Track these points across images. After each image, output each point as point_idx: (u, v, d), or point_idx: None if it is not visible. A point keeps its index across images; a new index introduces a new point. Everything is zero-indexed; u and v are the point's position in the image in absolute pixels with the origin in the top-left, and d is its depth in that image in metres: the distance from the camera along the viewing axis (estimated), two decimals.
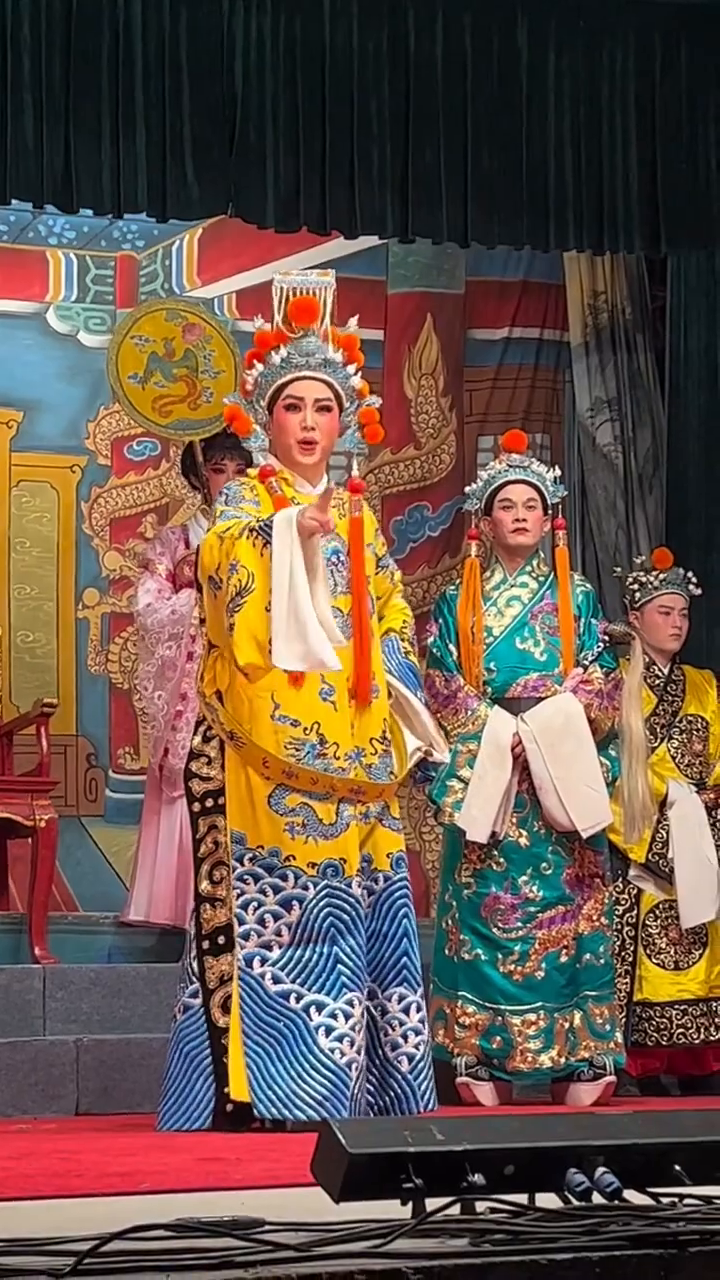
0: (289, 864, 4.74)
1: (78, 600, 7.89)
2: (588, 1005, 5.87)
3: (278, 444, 4.96)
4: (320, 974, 4.73)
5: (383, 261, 8.32)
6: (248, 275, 8.16)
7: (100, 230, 7.95)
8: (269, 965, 4.72)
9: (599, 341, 8.24)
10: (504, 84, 6.82)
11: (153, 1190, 3.44)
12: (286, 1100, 4.67)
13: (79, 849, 7.58)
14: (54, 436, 7.93)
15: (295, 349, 4.95)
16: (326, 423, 4.93)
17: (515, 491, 6.01)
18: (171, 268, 8.17)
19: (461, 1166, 2.40)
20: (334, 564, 4.86)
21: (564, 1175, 2.43)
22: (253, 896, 4.74)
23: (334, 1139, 2.43)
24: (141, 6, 6.36)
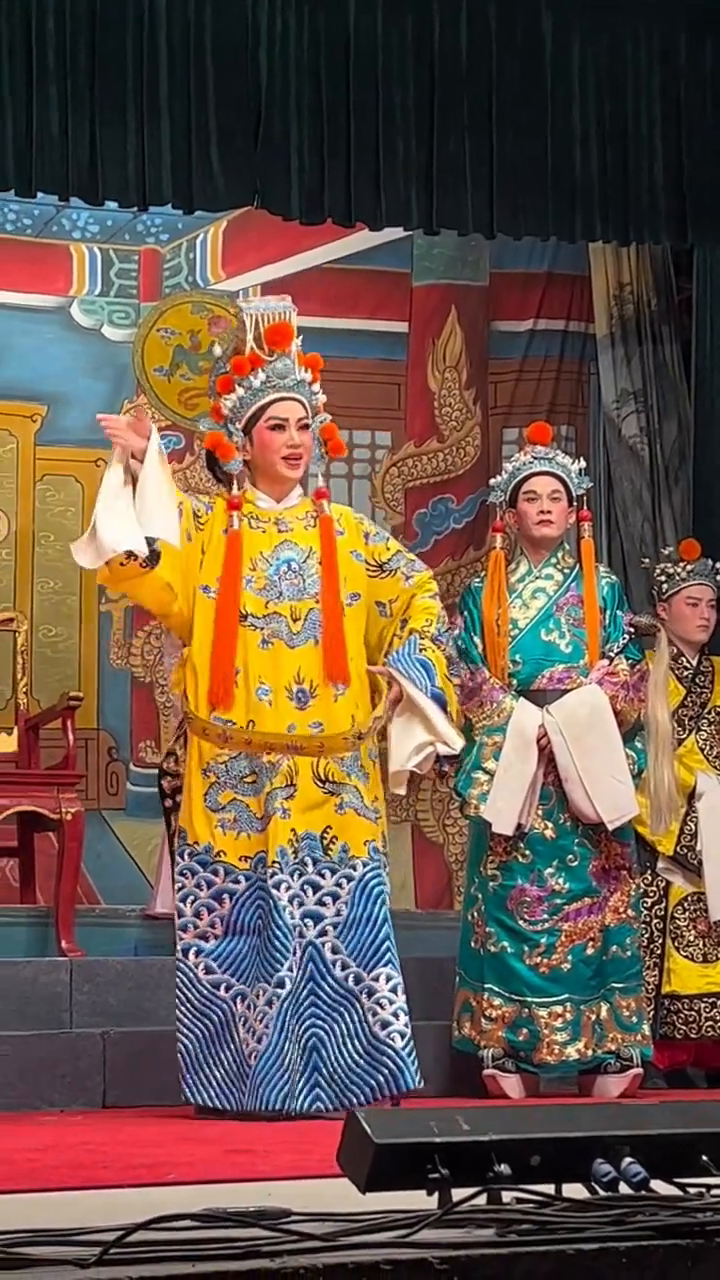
0: (219, 859, 5.02)
1: (100, 594, 7.89)
2: (614, 997, 5.87)
3: (260, 461, 5.22)
4: (247, 965, 4.99)
5: (407, 254, 8.31)
6: (272, 268, 8.16)
7: (124, 224, 7.95)
8: (203, 956, 5.02)
9: (624, 333, 8.22)
10: (528, 74, 6.81)
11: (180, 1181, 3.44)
12: (209, 1086, 5.00)
13: (100, 842, 7.59)
14: (78, 430, 7.93)
15: (272, 371, 5.20)
16: (307, 439, 5.22)
17: (540, 483, 5.99)
18: (195, 261, 8.16)
19: (488, 1157, 2.39)
20: (285, 572, 5.11)
21: (590, 1165, 2.42)
22: (190, 890, 5.05)
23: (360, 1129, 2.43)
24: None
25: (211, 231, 8.11)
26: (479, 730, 5.87)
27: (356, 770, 5.06)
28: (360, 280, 8.33)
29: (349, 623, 5.13)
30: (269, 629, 5.06)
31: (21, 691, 6.95)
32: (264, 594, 5.09)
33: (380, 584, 5.20)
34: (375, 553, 5.23)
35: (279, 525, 5.17)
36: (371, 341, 8.33)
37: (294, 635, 5.06)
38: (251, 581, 5.08)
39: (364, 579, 5.18)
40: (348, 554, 5.18)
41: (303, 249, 8.09)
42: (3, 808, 6.39)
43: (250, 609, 5.07)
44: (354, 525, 5.27)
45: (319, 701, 5.05)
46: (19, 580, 7.84)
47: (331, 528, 5.17)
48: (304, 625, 5.07)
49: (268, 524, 5.16)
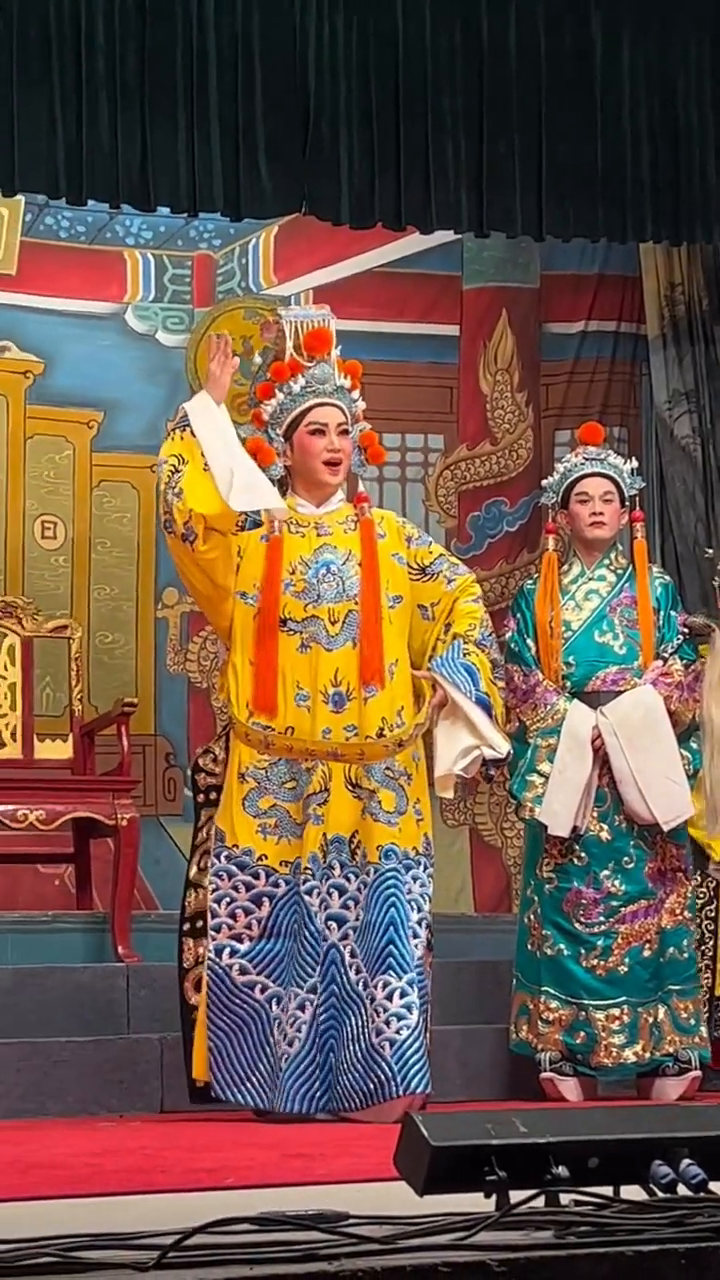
0: (261, 863, 5.07)
1: (157, 600, 7.91)
2: (672, 999, 5.84)
3: (300, 466, 5.27)
4: (284, 967, 5.03)
5: (457, 257, 8.31)
6: (325, 272, 8.17)
7: (177, 230, 7.97)
8: (237, 957, 5.06)
9: (676, 333, 8.19)
10: (577, 75, 6.80)
11: (238, 1185, 3.44)
12: (239, 1084, 5.04)
13: (158, 848, 7.60)
14: (134, 436, 7.95)
15: (312, 377, 5.27)
16: (347, 444, 5.27)
17: (592, 485, 5.98)
18: (248, 266, 8.18)
19: (545, 1159, 2.39)
20: (324, 575, 5.15)
21: (649, 1167, 2.42)
22: (226, 892, 5.08)
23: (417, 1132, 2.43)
24: (215, 5, 6.38)
25: (263, 237, 8.12)
26: (533, 733, 5.85)
27: (384, 779, 5.11)
28: (411, 284, 8.33)
29: (391, 625, 5.16)
30: (307, 633, 5.11)
31: (76, 698, 6.97)
32: (303, 598, 5.13)
33: (423, 587, 5.24)
34: (417, 556, 5.27)
35: (318, 529, 5.21)
36: (423, 345, 8.33)
37: (331, 638, 5.10)
38: (291, 586, 5.12)
39: (406, 582, 5.22)
40: (389, 557, 5.21)
41: (354, 253, 8.09)
42: (58, 814, 6.40)
43: (290, 613, 5.12)
44: (396, 529, 5.30)
45: (354, 704, 5.09)
46: (76, 586, 7.86)
47: (373, 530, 5.21)
48: (342, 627, 5.11)
49: (307, 529, 5.21)
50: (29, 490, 7.85)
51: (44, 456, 7.88)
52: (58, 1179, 3.65)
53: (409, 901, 5.10)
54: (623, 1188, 2.44)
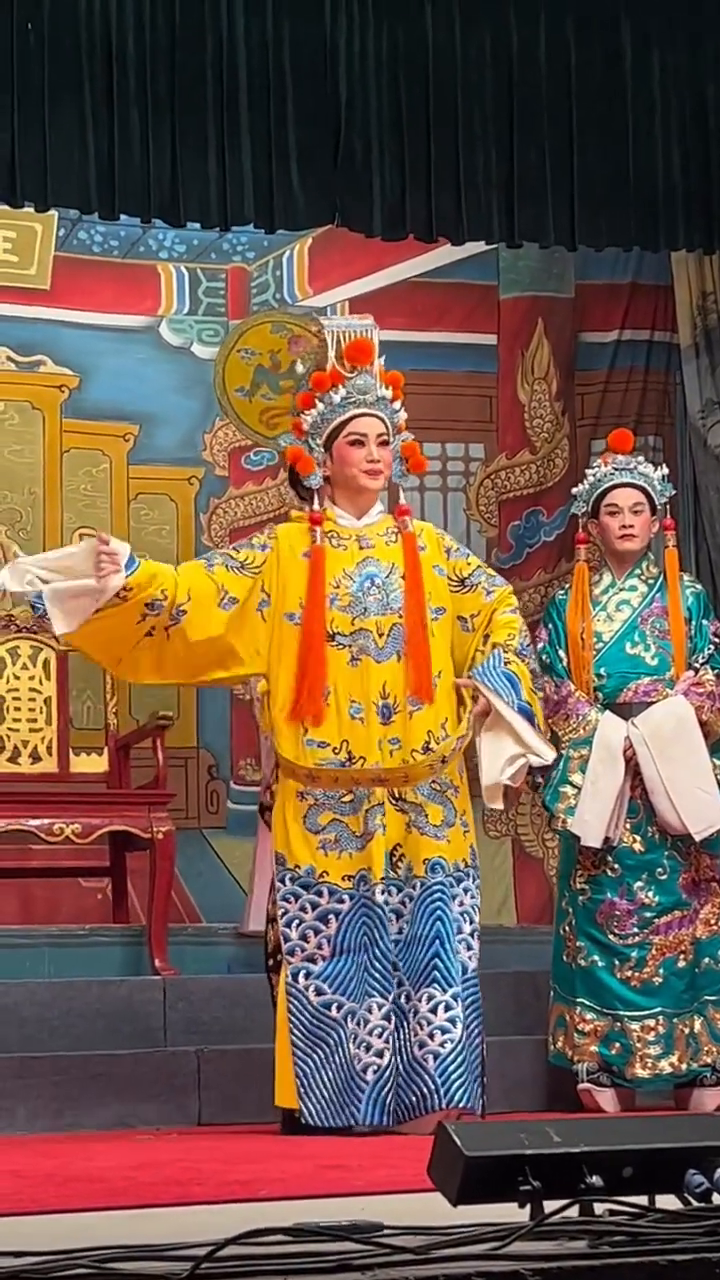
0: (324, 880, 5.05)
1: None
2: (708, 1010, 5.82)
3: (339, 476, 5.25)
4: (355, 983, 5.00)
5: (493, 266, 8.31)
6: (360, 283, 8.18)
7: (210, 242, 7.98)
8: (313, 979, 5.02)
9: (709, 342, 8.17)
10: (607, 84, 6.79)
11: (273, 1197, 3.44)
12: (327, 1105, 4.96)
13: (201, 861, 7.60)
14: (171, 449, 7.97)
15: (353, 388, 5.25)
16: (387, 455, 5.25)
17: (621, 496, 5.95)
18: (282, 278, 8.19)
19: (579, 1168, 2.39)
20: (369, 588, 5.14)
21: (683, 1176, 2.41)
22: (294, 914, 5.06)
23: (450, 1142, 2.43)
24: (245, 18, 6.38)
25: (297, 249, 8.14)
26: (565, 744, 5.84)
27: (431, 793, 5.10)
28: (447, 294, 8.33)
29: (435, 638, 5.15)
30: (356, 646, 5.09)
31: (111, 712, 6.98)
32: (349, 611, 5.11)
33: (463, 599, 5.23)
34: (457, 568, 5.26)
35: (360, 542, 5.20)
36: (461, 354, 8.34)
37: (380, 650, 5.09)
38: (336, 600, 5.11)
39: (447, 594, 5.21)
40: (431, 569, 5.20)
41: (389, 263, 8.10)
42: (94, 828, 6.41)
43: (338, 627, 5.10)
44: (435, 540, 5.29)
45: (400, 716, 5.07)
46: None
47: (415, 543, 5.20)
48: (388, 640, 5.10)
49: (349, 541, 5.19)
50: (67, 503, 7.87)
51: (81, 470, 7.91)
52: (94, 1191, 3.65)
53: (461, 914, 5.09)
54: (657, 1197, 2.43)
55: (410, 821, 5.08)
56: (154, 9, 6.30)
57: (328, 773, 5.04)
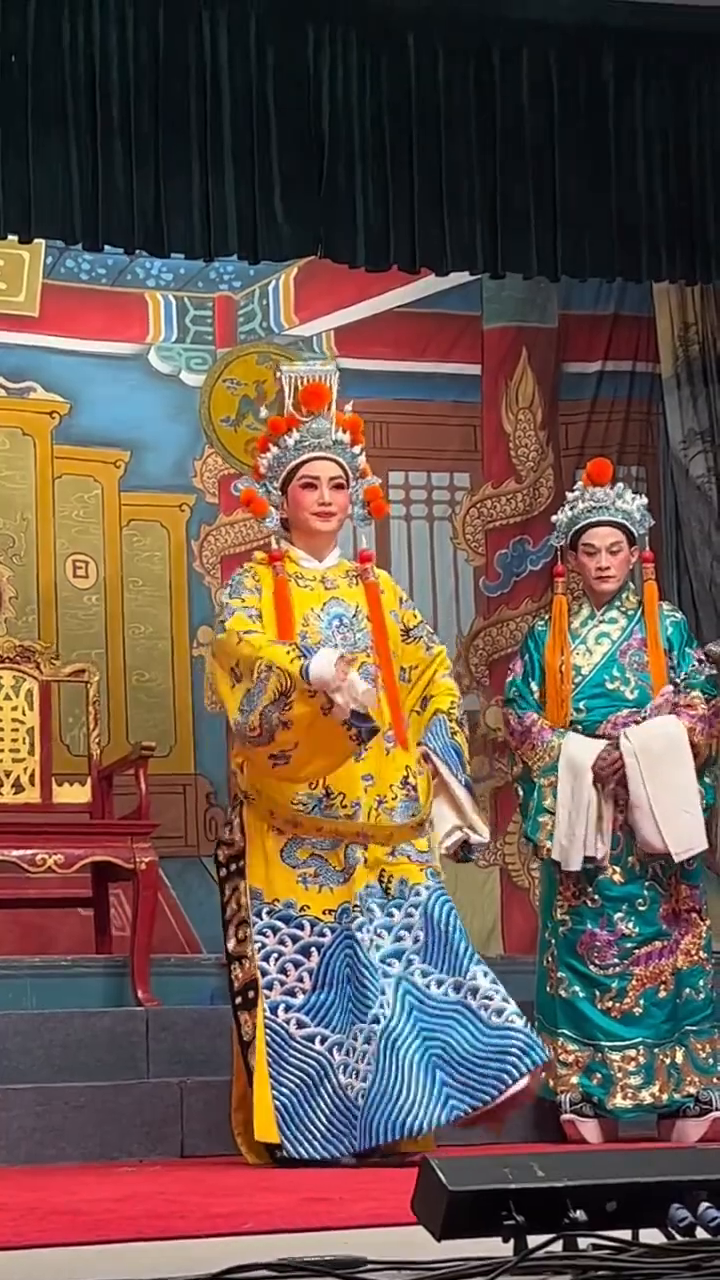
0: (304, 914, 5.06)
1: (192, 638, 7.92)
2: (689, 1040, 5.81)
3: (294, 518, 5.32)
4: (340, 1013, 5.01)
5: (477, 297, 8.33)
6: (345, 313, 8.20)
7: (196, 271, 8.00)
8: (293, 1011, 5.03)
9: (690, 373, 8.20)
10: (591, 115, 6.81)
11: (257, 1230, 3.43)
12: (312, 1138, 4.96)
13: (201, 889, 7.58)
14: (161, 476, 7.98)
15: (307, 431, 5.31)
16: (341, 498, 5.29)
17: (598, 536, 5.89)
18: (269, 307, 8.20)
19: (563, 1203, 2.38)
20: (337, 627, 5.19)
21: (667, 1210, 2.40)
22: (273, 948, 5.06)
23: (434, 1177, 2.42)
24: (228, 49, 6.40)
25: (283, 278, 8.15)
26: (535, 773, 5.86)
27: (408, 821, 5.15)
28: (432, 323, 8.36)
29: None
30: (371, 674, 5.10)
31: (94, 742, 6.96)
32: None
33: (406, 649, 5.31)
34: (405, 618, 5.36)
35: (324, 583, 5.27)
36: (446, 384, 8.36)
37: None
38: (306, 638, 5.13)
39: (398, 641, 5.29)
40: (389, 614, 5.29)
41: (374, 293, 8.12)
42: (77, 858, 6.39)
43: None
44: (391, 588, 5.39)
45: (373, 754, 5.10)
46: (110, 626, 7.88)
47: (376, 589, 5.28)
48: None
49: (313, 582, 5.26)
50: (59, 529, 7.87)
51: (73, 496, 7.91)
52: (77, 1225, 3.63)
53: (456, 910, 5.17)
54: (641, 1231, 2.42)
55: (395, 850, 5.12)
56: (137, 40, 6.32)
57: (311, 821, 5.07)
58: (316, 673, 4.89)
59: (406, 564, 8.18)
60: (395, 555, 8.17)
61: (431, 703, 5.28)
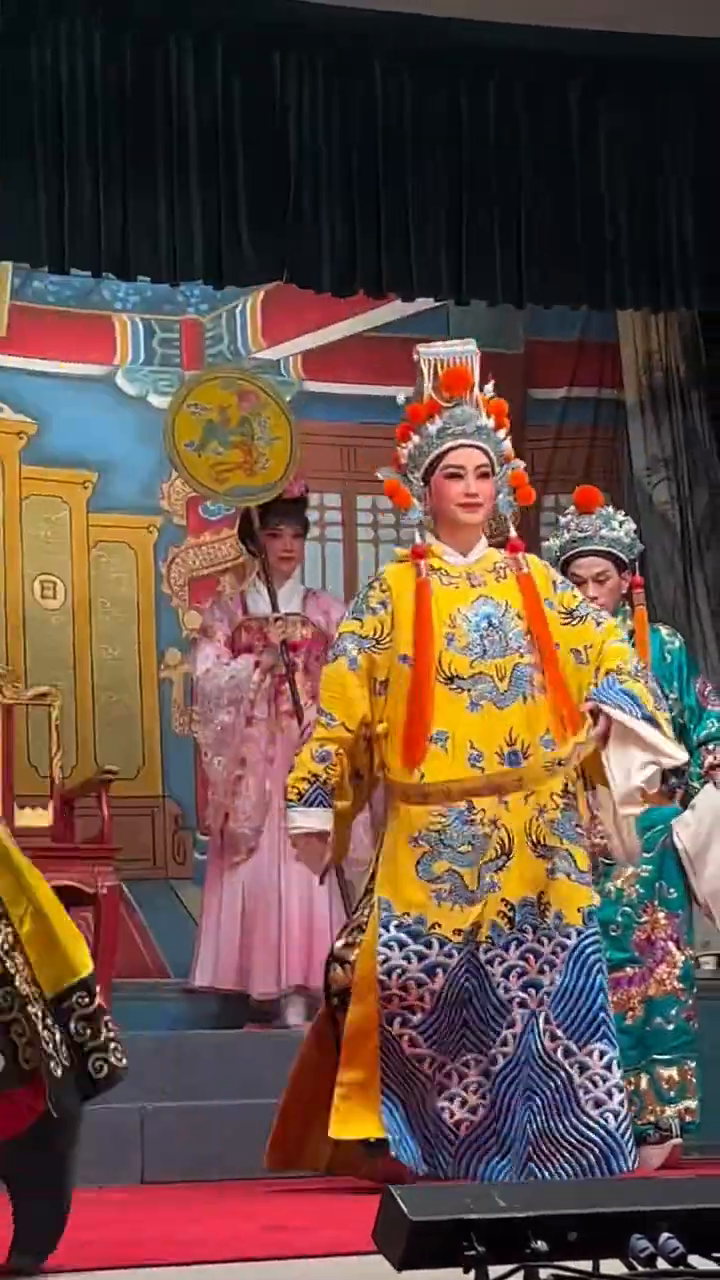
0: (434, 931, 4.78)
1: (160, 661, 7.89)
2: (655, 1069, 5.80)
3: (438, 510, 5.03)
4: (454, 1038, 4.79)
5: (444, 322, 8.33)
6: (313, 336, 8.20)
7: (164, 294, 7.99)
8: (408, 1028, 4.77)
9: (654, 400, 8.22)
10: (557, 143, 6.83)
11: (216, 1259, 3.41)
12: (419, 1152, 4.77)
13: (170, 911, 7.55)
14: (129, 497, 7.96)
15: (451, 418, 5.02)
16: (487, 488, 5.01)
17: (584, 566, 5.76)
18: (236, 330, 8.21)
19: (524, 1233, 2.37)
20: (486, 629, 4.90)
21: (628, 1241, 2.40)
22: (397, 963, 4.77)
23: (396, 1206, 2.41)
24: (195, 75, 6.41)
25: (250, 302, 8.16)
26: None
27: (570, 832, 4.88)
28: (399, 348, 8.32)
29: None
30: (477, 690, 4.83)
31: (56, 765, 6.94)
32: (468, 653, 4.86)
33: (574, 632, 4.97)
34: (564, 600, 5.02)
35: (470, 580, 4.97)
36: None
37: (502, 695, 4.84)
38: (454, 640, 4.87)
39: (559, 627, 4.97)
40: (544, 604, 4.98)
41: (341, 317, 8.12)
42: None
43: (456, 670, 4.85)
44: (543, 573, 5.07)
45: (532, 761, 4.83)
46: (78, 647, 7.85)
47: (531, 582, 4.96)
48: (510, 683, 4.86)
49: (459, 579, 4.96)
50: (27, 550, 7.85)
51: (40, 517, 7.90)
52: None
53: (606, 965, 4.95)
54: (602, 1262, 2.42)
55: (554, 867, 4.84)
56: (105, 67, 6.33)
57: (438, 788, 4.79)
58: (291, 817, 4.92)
59: None
60: (363, 579, 8.16)
61: (601, 667, 4.94)
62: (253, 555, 7.07)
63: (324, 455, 8.12)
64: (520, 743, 4.82)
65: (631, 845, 5.07)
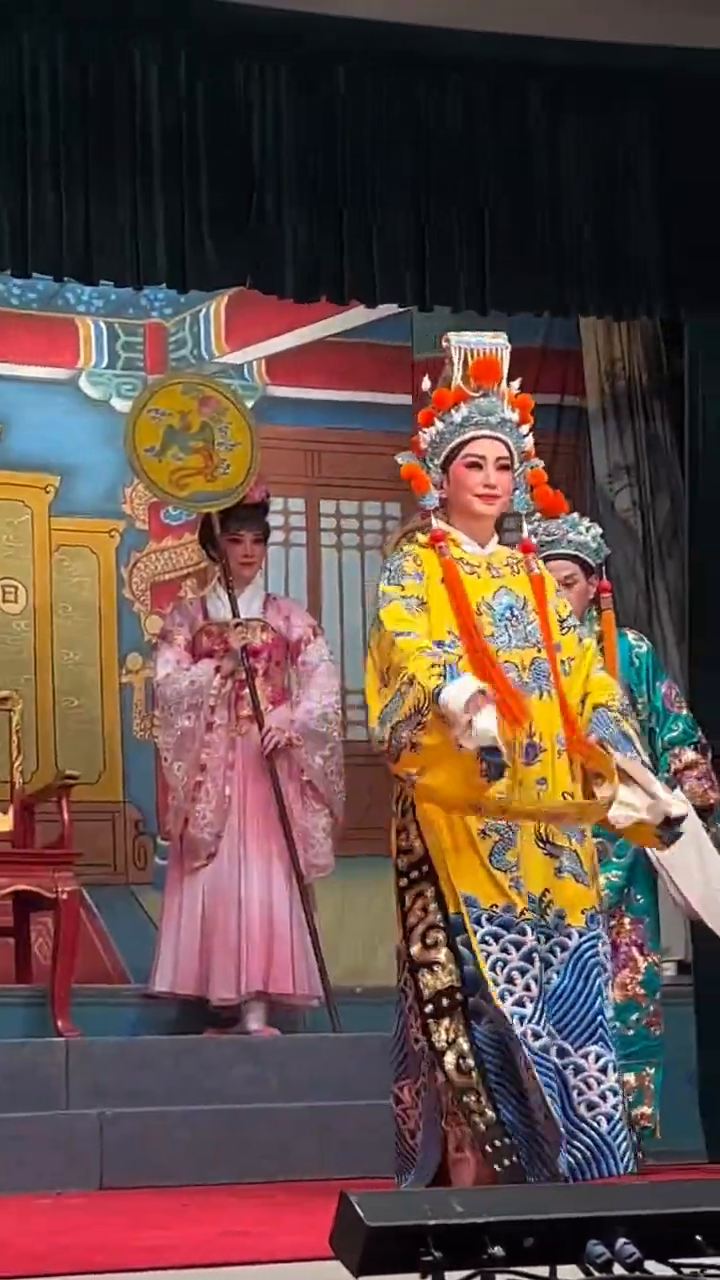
0: (523, 918, 4.68)
1: (121, 665, 7.89)
2: None
3: (454, 499, 4.95)
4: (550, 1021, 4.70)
5: (407, 329, 8.35)
6: (276, 341, 8.20)
7: (128, 298, 7.99)
8: (529, 1024, 4.63)
9: (616, 408, 8.25)
10: (519, 150, 6.83)
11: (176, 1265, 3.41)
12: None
13: (129, 917, 7.54)
14: (92, 501, 7.95)
15: (476, 408, 4.96)
16: (506, 481, 4.94)
17: (552, 570, 5.56)
18: (200, 334, 8.21)
19: (481, 1239, 2.38)
20: (509, 619, 4.84)
21: (584, 1246, 2.40)
22: (498, 956, 4.65)
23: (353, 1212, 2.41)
24: (158, 78, 6.40)
25: (214, 306, 8.16)
26: None
27: (575, 832, 4.81)
28: (363, 353, 8.38)
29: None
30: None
31: (16, 770, 6.93)
32: (494, 641, 4.79)
33: (565, 640, 4.92)
34: (560, 608, 4.99)
35: (491, 570, 4.90)
36: (377, 414, 8.36)
37: (524, 685, 4.77)
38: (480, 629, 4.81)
39: (558, 634, 4.92)
40: (553, 614, 4.92)
41: (306, 322, 8.12)
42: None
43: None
44: (550, 578, 5.06)
45: (548, 755, 4.75)
46: (39, 652, 7.83)
47: (543, 582, 4.93)
48: (531, 674, 4.79)
49: (480, 568, 4.89)
50: None
51: (2, 520, 7.89)
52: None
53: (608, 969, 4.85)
54: (559, 1267, 2.42)
55: (560, 866, 4.76)
56: (68, 69, 6.31)
57: (494, 806, 4.63)
58: (446, 699, 4.56)
59: (337, 593, 8.18)
60: (326, 584, 8.18)
61: (589, 698, 4.87)
62: (213, 560, 7.07)
63: (288, 460, 8.12)
64: (538, 735, 4.75)
65: None
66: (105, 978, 7.38)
